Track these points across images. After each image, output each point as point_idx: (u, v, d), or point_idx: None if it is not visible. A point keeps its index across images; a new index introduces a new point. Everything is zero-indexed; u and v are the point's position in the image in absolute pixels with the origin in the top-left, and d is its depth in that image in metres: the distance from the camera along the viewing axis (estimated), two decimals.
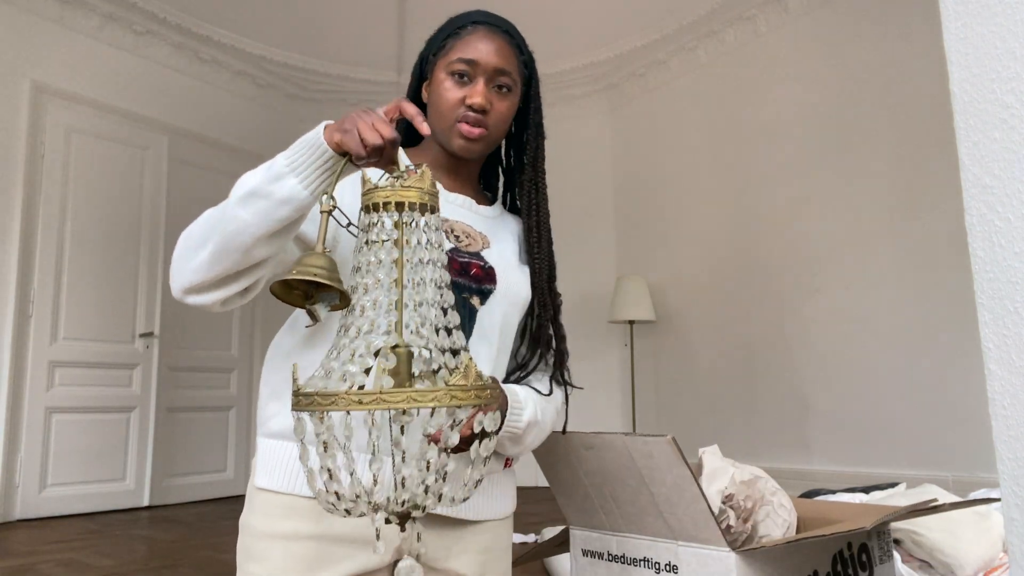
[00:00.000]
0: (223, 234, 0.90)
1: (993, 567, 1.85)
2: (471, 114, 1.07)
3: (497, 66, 1.08)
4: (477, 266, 1.06)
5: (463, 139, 1.08)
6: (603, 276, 5.67)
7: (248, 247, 0.90)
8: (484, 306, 1.06)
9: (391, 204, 0.71)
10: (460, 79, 1.08)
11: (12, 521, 4.07)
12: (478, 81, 1.08)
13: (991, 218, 0.59)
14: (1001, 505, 0.70)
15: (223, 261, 0.92)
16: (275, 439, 1.04)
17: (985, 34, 0.60)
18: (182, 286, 0.96)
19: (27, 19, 4.39)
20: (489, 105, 1.07)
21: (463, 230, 1.10)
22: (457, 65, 1.08)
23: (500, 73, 1.08)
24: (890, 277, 4.10)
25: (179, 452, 4.91)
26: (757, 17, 4.86)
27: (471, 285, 1.05)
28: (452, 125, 1.08)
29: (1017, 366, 0.56)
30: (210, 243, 0.92)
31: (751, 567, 0.99)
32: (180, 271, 0.96)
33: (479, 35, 1.10)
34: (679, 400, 5.19)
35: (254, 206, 0.88)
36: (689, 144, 5.30)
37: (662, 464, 1.03)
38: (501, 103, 1.09)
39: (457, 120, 1.08)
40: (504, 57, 1.09)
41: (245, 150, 5.53)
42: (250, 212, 0.88)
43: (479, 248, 1.09)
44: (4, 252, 4.18)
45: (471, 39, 1.09)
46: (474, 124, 1.07)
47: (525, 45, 1.15)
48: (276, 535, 0.99)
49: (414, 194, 0.71)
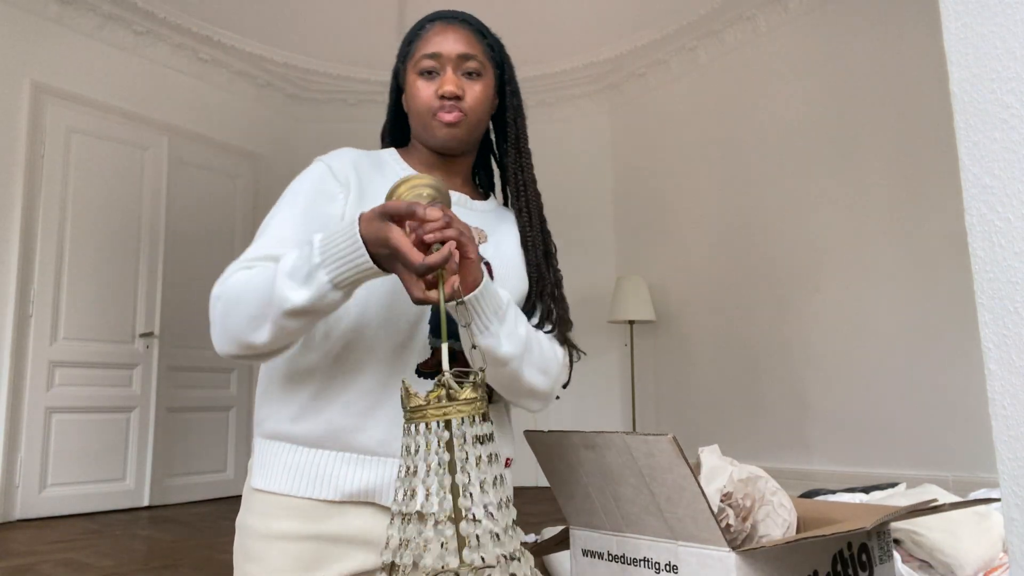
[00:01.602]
0: (280, 329, 0.92)
1: (993, 567, 1.85)
2: (445, 102, 1.08)
3: (460, 52, 1.10)
4: None
5: (443, 127, 1.09)
6: (603, 276, 5.67)
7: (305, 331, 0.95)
8: None
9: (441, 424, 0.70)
10: (429, 76, 1.10)
11: (12, 521, 4.07)
12: (446, 71, 1.09)
13: (991, 218, 0.59)
14: (1001, 505, 0.70)
15: (283, 341, 0.95)
16: (271, 440, 1.04)
17: (985, 34, 0.60)
18: (231, 355, 0.98)
19: (27, 19, 4.39)
20: (460, 91, 1.09)
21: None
22: (423, 63, 1.10)
23: (465, 58, 1.10)
24: (890, 277, 4.11)
25: (179, 452, 4.91)
26: (757, 17, 4.86)
27: None
28: (431, 120, 1.10)
29: (1017, 366, 0.56)
30: (265, 330, 0.93)
31: (751, 567, 0.99)
32: (230, 343, 0.97)
33: (437, 29, 1.12)
34: (679, 400, 5.19)
35: (302, 320, 0.92)
36: (689, 144, 5.30)
37: (663, 463, 1.03)
38: (473, 87, 1.10)
39: (434, 114, 1.09)
40: (466, 42, 1.11)
41: (245, 150, 5.54)
42: (302, 322, 0.93)
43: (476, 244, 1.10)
44: (4, 252, 4.18)
45: (431, 36, 1.11)
46: (450, 110, 1.08)
47: (488, 30, 1.16)
48: (273, 535, 0.99)
49: (466, 410, 0.70)
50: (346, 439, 0.99)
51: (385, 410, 1.00)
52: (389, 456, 1.00)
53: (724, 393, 4.90)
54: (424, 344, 1.03)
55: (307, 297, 0.89)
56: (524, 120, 1.19)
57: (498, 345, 0.98)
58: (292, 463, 1.01)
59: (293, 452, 1.01)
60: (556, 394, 1.12)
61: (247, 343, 0.94)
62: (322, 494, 0.99)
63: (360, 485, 0.99)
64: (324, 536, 0.99)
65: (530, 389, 1.06)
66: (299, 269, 0.90)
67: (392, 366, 1.01)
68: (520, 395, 1.07)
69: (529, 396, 1.07)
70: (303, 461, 1.01)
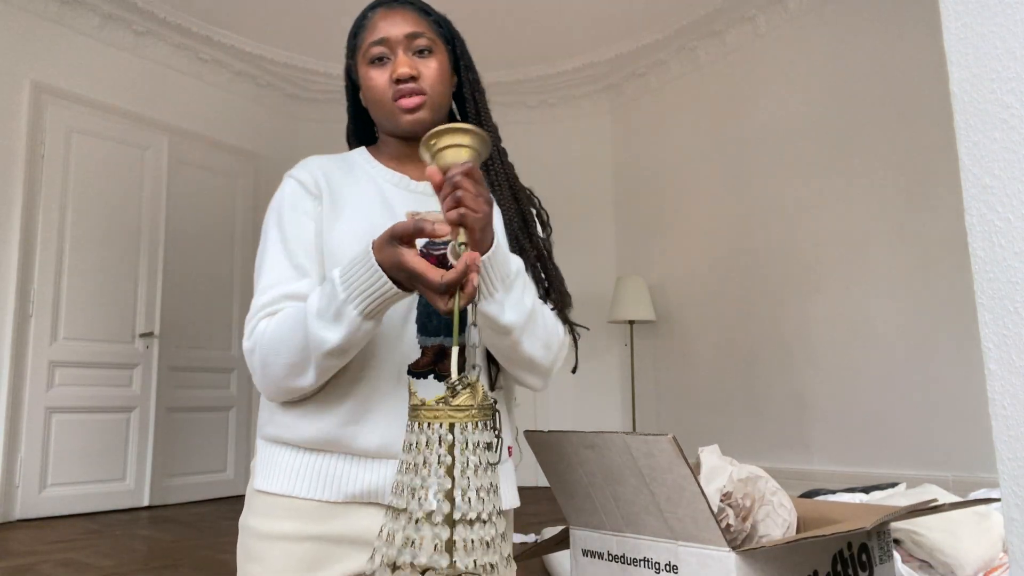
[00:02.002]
0: (324, 370, 0.95)
1: (993, 567, 1.85)
2: (403, 86, 1.06)
3: (406, 32, 1.07)
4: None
5: (405, 112, 1.07)
6: (603, 276, 5.67)
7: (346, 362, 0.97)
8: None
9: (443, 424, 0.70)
10: (380, 63, 1.08)
11: (12, 521, 4.07)
12: (396, 54, 1.07)
13: (991, 218, 0.59)
14: (1001, 505, 0.70)
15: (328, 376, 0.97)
16: (272, 443, 1.04)
17: (985, 34, 0.60)
18: (282, 401, 1.02)
19: (27, 19, 4.39)
20: (415, 70, 1.06)
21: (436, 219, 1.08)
22: (372, 51, 1.08)
23: (413, 37, 1.08)
24: (890, 277, 4.11)
25: (179, 452, 4.91)
26: (757, 17, 4.86)
27: None
28: (391, 107, 1.07)
29: (1017, 366, 0.56)
30: (310, 374, 0.95)
31: (751, 567, 0.99)
32: (277, 392, 1.00)
33: (380, 15, 1.10)
34: (679, 400, 5.19)
35: (343, 356, 0.94)
36: (689, 144, 5.30)
37: (663, 463, 1.03)
38: (427, 64, 1.08)
39: (393, 99, 1.07)
40: (411, 21, 1.09)
41: (245, 150, 5.54)
42: (342, 358, 0.95)
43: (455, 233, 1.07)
44: (4, 252, 4.18)
45: (375, 22, 1.10)
46: (409, 94, 1.06)
47: (431, 8, 1.14)
48: (275, 535, 0.99)
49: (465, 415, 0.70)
50: (346, 442, 0.99)
51: (381, 413, 0.99)
52: (390, 458, 1.00)
53: (724, 393, 4.90)
54: (413, 344, 1.02)
55: (342, 334, 0.91)
56: (483, 94, 1.16)
57: (500, 313, 0.96)
58: (294, 465, 1.01)
59: (295, 455, 1.02)
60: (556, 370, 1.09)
61: (294, 389, 0.97)
62: (325, 495, 0.99)
63: (362, 486, 0.99)
64: (326, 537, 0.99)
65: (529, 360, 1.03)
66: (327, 308, 0.91)
67: (384, 368, 1.01)
68: (519, 366, 1.04)
69: (528, 368, 1.05)
70: (305, 463, 1.01)
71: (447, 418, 0.70)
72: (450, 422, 0.71)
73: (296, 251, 1.03)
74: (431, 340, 1.02)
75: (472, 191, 0.86)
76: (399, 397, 1.00)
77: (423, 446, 0.71)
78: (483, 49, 5.58)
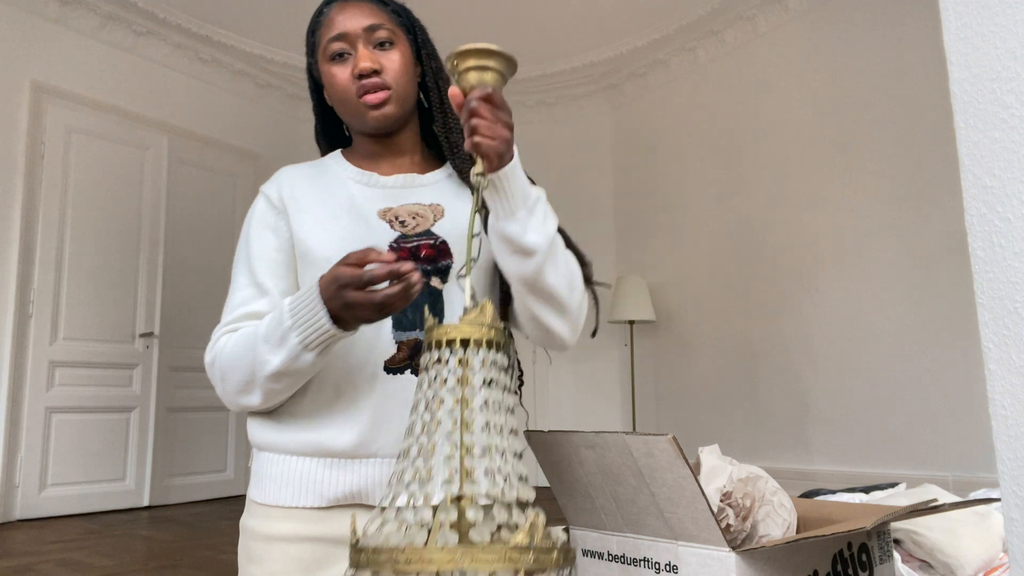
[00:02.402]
0: (269, 391, 0.97)
1: (993, 567, 1.85)
2: (366, 81, 1.04)
3: (364, 25, 1.05)
4: (426, 246, 1.02)
5: (371, 108, 1.05)
6: (603, 276, 5.67)
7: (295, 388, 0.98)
8: (448, 284, 1.02)
9: (455, 341, 0.69)
10: (341, 59, 1.06)
11: (12, 521, 4.07)
12: (357, 48, 1.05)
13: (991, 218, 0.59)
14: (1001, 505, 0.70)
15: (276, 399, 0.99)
16: (260, 449, 1.05)
17: (985, 34, 0.60)
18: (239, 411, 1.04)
19: (27, 19, 4.39)
20: (377, 64, 1.04)
21: (408, 212, 1.06)
22: (331, 47, 1.05)
23: (372, 29, 1.05)
24: (890, 277, 4.11)
25: (179, 452, 4.91)
26: (757, 17, 4.86)
27: (426, 268, 1.01)
28: (356, 103, 1.05)
29: (1017, 366, 0.56)
30: (257, 394, 0.97)
31: (751, 567, 0.99)
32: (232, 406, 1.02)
33: (336, 9, 1.07)
34: (679, 400, 5.19)
35: (285, 381, 0.95)
36: (689, 144, 5.30)
37: (663, 463, 1.03)
38: (389, 57, 1.06)
39: (358, 96, 1.05)
40: (368, 13, 1.06)
41: (245, 150, 5.54)
42: (286, 382, 0.95)
43: (429, 224, 1.05)
44: (4, 252, 4.18)
45: (332, 18, 1.07)
46: (373, 89, 1.04)
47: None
48: (274, 537, 0.99)
49: (476, 331, 0.69)
50: (326, 444, 0.99)
51: (359, 412, 0.99)
52: (369, 457, 0.99)
53: (724, 393, 4.90)
54: (389, 340, 1.00)
55: (282, 359, 0.92)
56: (446, 82, 1.12)
57: (523, 233, 0.92)
58: (278, 473, 1.01)
59: (279, 461, 1.02)
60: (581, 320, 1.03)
61: (246, 406, 0.99)
62: (308, 502, 0.99)
63: (344, 489, 0.99)
64: (324, 538, 0.99)
65: (552, 293, 0.97)
66: (273, 333, 0.93)
67: (359, 367, 1.00)
68: (543, 298, 0.98)
69: (552, 304, 0.98)
70: (288, 470, 1.01)
71: (458, 334, 0.70)
72: (462, 338, 0.69)
73: (259, 270, 1.04)
74: (407, 335, 1.00)
75: (489, 118, 0.84)
76: (375, 395, 0.99)
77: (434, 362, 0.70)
78: None
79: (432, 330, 0.70)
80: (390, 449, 0.98)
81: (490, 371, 0.68)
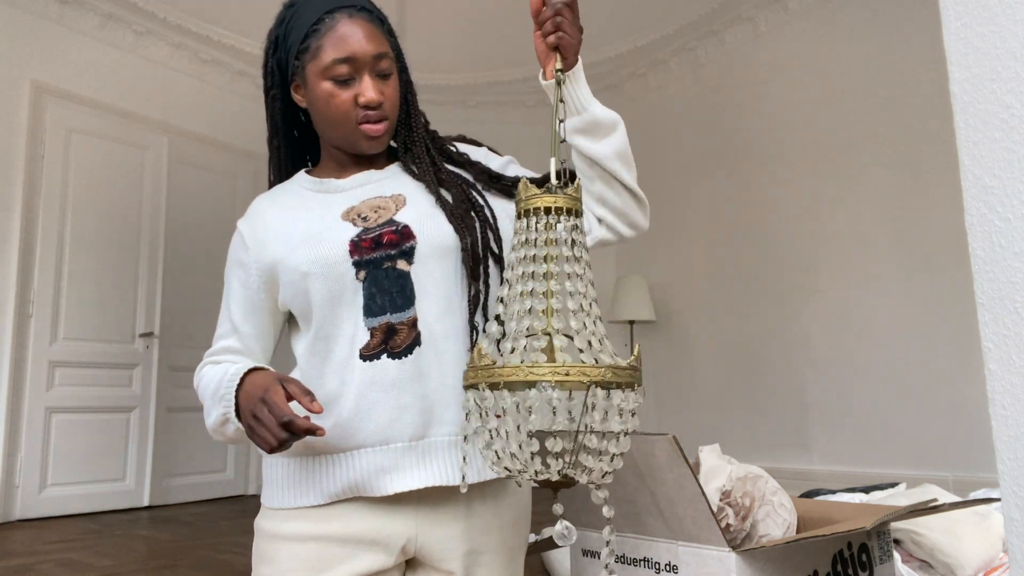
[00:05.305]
0: (222, 436, 1.02)
1: (993, 567, 1.85)
2: (371, 112, 1.03)
3: (374, 53, 1.03)
4: (388, 232, 1.02)
5: (370, 139, 1.05)
6: (603, 276, 5.67)
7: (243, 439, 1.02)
8: (414, 264, 1.01)
9: (541, 209, 0.79)
10: (343, 82, 1.03)
11: (12, 521, 4.07)
12: (363, 76, 1.03)
13: (991, 218, 0.59)
14: (1001, 505, 0.70)
15: (224, 437, 1.03)
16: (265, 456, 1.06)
17: (985, 34, 0.60)
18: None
19: (27, 19, 4.39)
20: (382, 96, 1.04)
21: (369, 207, 1.06)
22: (337, 70, 1.03)
23: (379, 59, 1.04)
24: (890, 277, 4.11)
25: (179, 452, 4.91)
26: (757, 17, 4.87)
27: (390, 252, 1.01)
28: (354, 129, 1.04)
29: (1017, 366, 0.56)
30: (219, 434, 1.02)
31: (751, 567, 0.99)
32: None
33: (344, 26, 1.04)
34: (679, 400, 5.19)
35: (221, 434, 1.01)
36: (689, 144, 5.30)
37: (663, 463, 1.03)
38: (389, 87, 1.06)
39: (358, 123, 1.04)
40: (376, 40, 1.04)
41: (245, 150, 5.53)
42: (222, 435, 1.01)
43: (392, 213, 1.04)
44: (4, 252, 4.18)
45: (337, 33, 1.03)
46: (376, 121, 1.04)
47: (382, 13, 1.10)
48: (282, 536, 1.01)
49: (563, 200, 0.80)
50: (312, 441, 1.00)
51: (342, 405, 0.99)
52: (356, 448, 0.99)
53: (724, 393, 4.90)
54: (360, 327, 1.00)
55: (215, 418, 0.99)
56: (415, 95, 1.15)
57: (603, 111, 1.04)
58: (279, 476, 1.04)
59: (280, 464, 1.04)
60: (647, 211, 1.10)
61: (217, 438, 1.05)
62: (308, 500, 1.00)
63: (340, 484, 0.99)
64: (330, 537, 0.99)
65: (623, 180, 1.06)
66: (217, 392, 0.99)
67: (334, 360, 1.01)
68: (629, 164, 1.07)
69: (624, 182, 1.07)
70: (289, 472, 1.03)
71: (543, 202, 0.79)
72: (546, 206, 0.79)
73: (233, 308, 1.09)
74: (377, 320, 0.99)
75: (570, 18, 0.94)
76: (354, 385, 0.98)
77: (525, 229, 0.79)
78: (483, 49, 5.59)
79: (526, 199, 0.81)
80: (379, 436, 0.98)
81: (571, 234, 0.80)
